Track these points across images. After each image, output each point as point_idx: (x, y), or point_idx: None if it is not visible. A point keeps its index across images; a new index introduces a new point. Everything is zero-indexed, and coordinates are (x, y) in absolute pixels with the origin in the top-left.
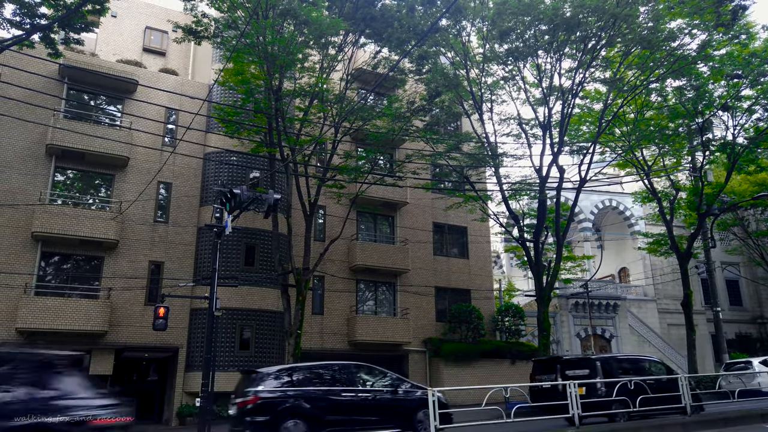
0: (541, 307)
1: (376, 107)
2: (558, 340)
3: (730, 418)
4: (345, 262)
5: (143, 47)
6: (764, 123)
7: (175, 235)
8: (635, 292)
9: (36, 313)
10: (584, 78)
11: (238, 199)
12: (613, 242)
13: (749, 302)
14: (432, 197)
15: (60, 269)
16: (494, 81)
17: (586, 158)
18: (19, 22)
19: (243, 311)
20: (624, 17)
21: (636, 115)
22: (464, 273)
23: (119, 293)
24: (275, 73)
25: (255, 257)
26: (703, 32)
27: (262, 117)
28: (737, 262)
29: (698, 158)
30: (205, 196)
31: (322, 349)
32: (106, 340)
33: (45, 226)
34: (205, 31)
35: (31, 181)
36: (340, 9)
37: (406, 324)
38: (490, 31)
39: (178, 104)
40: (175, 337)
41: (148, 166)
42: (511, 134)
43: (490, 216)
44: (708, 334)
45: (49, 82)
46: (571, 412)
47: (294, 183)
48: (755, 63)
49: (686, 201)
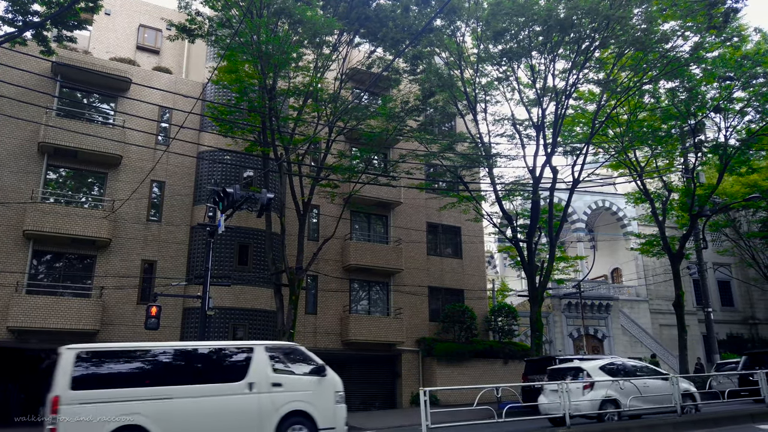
0: (534, 307)
1: (371, 107)
2: (551, 340)
3: (721, 418)
4: (338, 261)
5: (137, 45)
6: (756, 125)
7: (167, 234)
8: (628, 292)
9: (27, 312)
10: (578, 79)
11: (231, 198)
12: (605, 243)
13: (741, 303)
14: (426, 197)
15: (52, 268)
16: (488, 81)
17: (579, 159)
18: (11, 19)
19: (236, 310)
20: (617, 19)
21: (629, 117)
22: (458, 273)
23: (111, 292)
24: (269, 72)
25: (248, 256)
26: (696, 34)
27: (256, 116)
28: (729, 263)
29: (690, 160)
30: (199, 195)
31: (315, 348)
32: (98, 340)
33: (37, 224)
34: (199, 29)
35: (23, 179)
36: (334, 8)
37: (399, 324)
38: (484, 32)
39: (171, 103)
40: (168, 336)
41: (141, 164)
42: (504, 135)
43: (483, 216)
44: (699, 334)
45: (42, 80)
46: (562, 412)
47: (288, 182)
48: (747, 65)
49: (678, 202)
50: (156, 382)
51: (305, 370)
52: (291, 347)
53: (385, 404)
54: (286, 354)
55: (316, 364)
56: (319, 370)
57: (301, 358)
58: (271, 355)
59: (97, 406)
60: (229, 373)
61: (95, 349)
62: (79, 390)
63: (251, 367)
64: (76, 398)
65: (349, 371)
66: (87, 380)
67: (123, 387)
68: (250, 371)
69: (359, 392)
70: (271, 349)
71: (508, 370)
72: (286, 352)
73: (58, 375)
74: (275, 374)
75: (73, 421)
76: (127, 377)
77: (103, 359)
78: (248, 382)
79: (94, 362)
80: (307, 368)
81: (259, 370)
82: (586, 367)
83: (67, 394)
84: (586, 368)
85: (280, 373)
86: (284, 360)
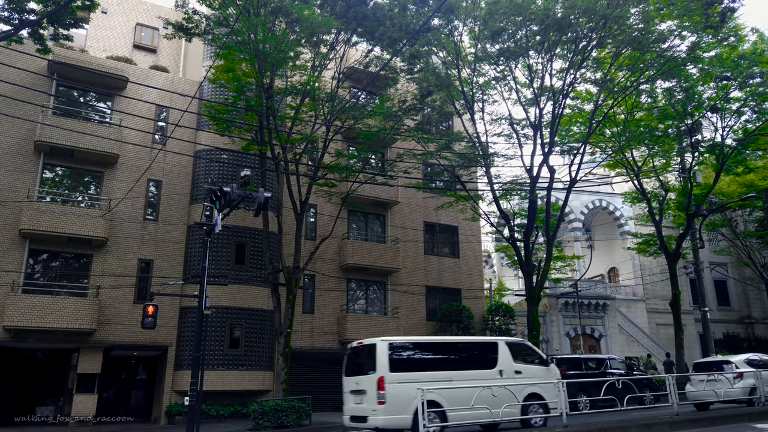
0: (531, 306)
1: (368, 106)
2: (548, 339)
3: (717, 417)
4: (336, 260)
5: (134, 44)
6: (753, 125)
7: (164, 233)
8: (624, 291)
9: (23, 311)
10: (575, 78)
11: (228, 197)
12: (602, 242)
13: (737, 302)
14: (423, 196)
15: (48, 267)
16: (486, 81)
17: (576, 158)
18: (7, 18)
19: (233, 310)
20: (614, 18)
21: (626, 116)
22: (455, 272)
23: (108, 291)
24: (266, 71)
25: (245, 256)
26: (693, 34)
27: (253, 115)
28: (725, 263)
29: (687, 159)
30: (196, 193)
31: (312, 347)
32: (94, 339)
33: (33, 223)
34: (195, 27)
35: (19, 178)
36: (332, 7)
37: (396, 323)
38: (481, 31)
39: (168, 101)
40: (165, 335)
41: (137, 163)
42: (502, 134)
43: (481, 216)
44: (696, 333)
45: (38, 78)
46: (559, 411)
47: (285, 181)
48: (744, 65)
49: (675, 202)
50: (441, 367)
51: (535, 361)
52: (522, 343)
53: None
54: (519, 348)
55: (541, 356)
56: (545, 361)
57: (530, 352)
58: (510, 348)
59: (404, 385)
60: (485, 362)
61: (399, 341)
62: (393, 372)
63: (499, 358)
64: (393, 378)
65: None
66: (396, 364)
67: (419, 371)
68: (498, 361)
69: None
70: (509, 344)
71: None
72: (519, 346)
73: (378, 360)
74: (516, 364)
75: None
76: (421, 363)
77: (405, 349)
78: (499, 370)
79: (398, 351)
80: (536, 359)
81: (504, 360)
82: (734, 360)
83: (388, 375)
84: (734, 361)
85: (518, 363)
86: (518, 353)
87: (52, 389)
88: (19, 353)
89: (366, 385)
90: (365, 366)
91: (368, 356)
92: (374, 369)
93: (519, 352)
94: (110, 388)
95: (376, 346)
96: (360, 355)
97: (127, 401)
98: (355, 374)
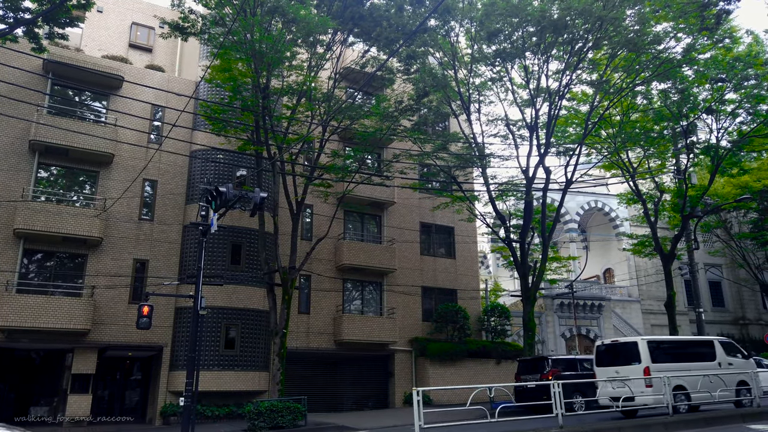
0: (527, 307)
1: (364, 106)
2: (543, 339)
3: (712, 418)
4: (332, 261)
5: (129, 43)
6: (747, 126)
7: (160, 233)
8: (620, 292)
9: (18, 311)
10: (571, 80)
11: (224, 197)
12: (598, 243)
13: (731, 303)
14: (419, 197)
15: (42, 267)
16: (482, 82)
17: (572, 159)
18: (2, 16)
19: (228, 310)
20: (610, 20)
21: (622, 118)
22: (451, 273)
23: (103, 291)
24: (263, 71)
25: (241, 256)
26: (688, 36)
27: (249, 115)
28: (720, 264)
29: (682, 161)
30: (191, 193)
31: (308, 348)
32: (89, 339)
33: (27, 222)
34: (192, 27)
35: (14, 177)
36: (328, 7)
37: (392, 323)
38: (478, 32)
39: (164, 101)
40: (160, 335)
41: (133, 163)
42: (498, 135)
43: (476, 216)
44: (691, 334)
45: (33, 77)
46: (555, 412)
47: (281, 181)
48: (739, 67)
49: (670, 203)
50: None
51: (739, 355)
52: (729, 341)
53: (377, 404)
54: (726, 345)
55: (743, 352)
56: (745, 355)
57: (733, 347)
58: (722, 345)
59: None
60: (707, 356)
61: (653, 339)
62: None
63: (717, 353)
64: (654, 368)
65: (341, 371)
66: (654, 357)
67: (666, 362)
68: (717, 355)
69: (352, 392)
70: (720, 342)
71: (501, 370)
72: (726, 344)
73: (642, 353)
74: (728, 357)
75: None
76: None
77: (656, 345)
78: (718, 362)
79: (654, 347)
80: (738, 353)
81: (720, 354)
82: None
83: (651, 365)
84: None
85: (729, 356)
86: (726, 349)
87: (47, 390)
88: (13, 353)
89: (629, 372)
90: (625, 358)
91: (629, 351)
92: (639, 360)
93: (726, 349)
94: (105, 388)
95: (638, 343)
96: (616, 350)
97: (122, 402)
98: (610, 365)
